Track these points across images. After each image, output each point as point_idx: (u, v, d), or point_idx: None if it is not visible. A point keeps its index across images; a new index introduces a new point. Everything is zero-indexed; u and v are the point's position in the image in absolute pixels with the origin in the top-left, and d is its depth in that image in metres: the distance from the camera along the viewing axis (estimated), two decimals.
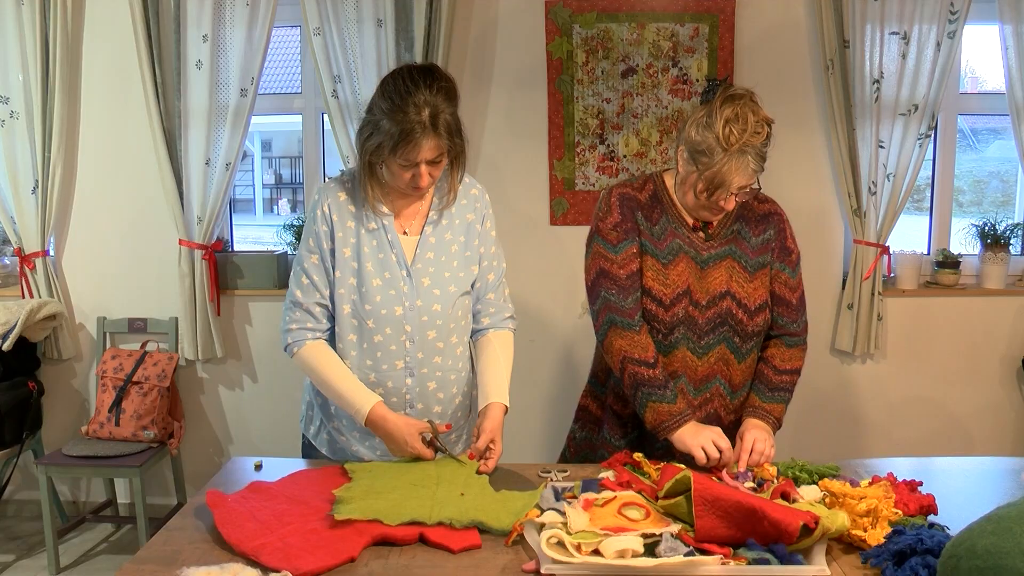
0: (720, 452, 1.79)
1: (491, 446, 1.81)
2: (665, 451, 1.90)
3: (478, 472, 1.77)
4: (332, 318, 1.90)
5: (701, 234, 1.94)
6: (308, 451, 2.06)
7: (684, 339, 1.91)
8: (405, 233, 1.90)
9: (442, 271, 1.89)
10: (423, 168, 1.77)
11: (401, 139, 1.71)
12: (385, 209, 1.88)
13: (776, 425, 1.93)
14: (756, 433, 1.86)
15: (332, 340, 1.92)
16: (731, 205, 1.84)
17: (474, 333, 2.02)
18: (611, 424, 2.04)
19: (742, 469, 1.79)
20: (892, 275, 3.46)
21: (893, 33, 3.20)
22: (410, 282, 1.87)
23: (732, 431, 1.96)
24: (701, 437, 1.81)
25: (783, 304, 1.98)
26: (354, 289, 1.86)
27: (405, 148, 1.73)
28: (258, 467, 1.87)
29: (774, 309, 1.98)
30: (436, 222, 1.91)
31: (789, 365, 1.98)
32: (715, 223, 1.95)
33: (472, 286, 1.96)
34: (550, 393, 3.46)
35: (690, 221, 1.94)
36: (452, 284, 1.90)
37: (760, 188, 1.88)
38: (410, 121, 1.71)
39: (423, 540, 1.50)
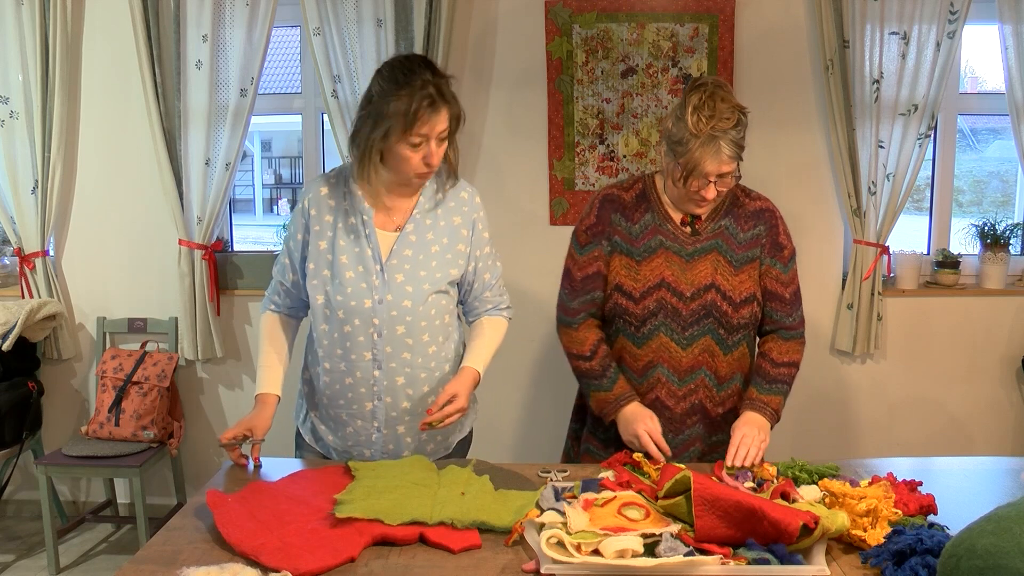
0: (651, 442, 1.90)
1: (451, 400, 1.86)
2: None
3: (426, 423, 1.83)
4: (295, 299, 2.03)
5: (688, 229, 1.98)
6: (298, 440, 2.13)
7: (664, 329, 1.95)
8: (398, 229, 1.93)
9: (418, 269, 1.92)
10: (433, 145, 1.81)
11: (414, 115, 1.76)
12: (382, 201, 1.92)
13: (774, 416, 1.96)
14: (745, 429, 1.89)
15: (311, 323, 2.00)
16: (711, 194, 1.88)
17: (470, 322, 2.09)
18: (592, 418, 2.10)
19: (729, 464, 1.82)
20: (892, 275, 3.45)
21: (893, 33, 3.20)
22: (382, 277, 1.90)
23: (720, 423, 2.01)
24: (628, 431, 1.93)
25: (776, 299, 2.02)
26: (328, 280, 1.91)
27: (417, 123, 1.77)
28: (258, 467, 1.87)
29: (768, 304, 2.02)
30: (420, 221, 1.94)
31: (787, 358, 2.01)
32: (703, 218, 1.98)
33: (458, 287, 2.01)
34: (551, 393, 3.46)
35: (677, 217, 1.99)
36: (426, 283, 1.93)
37: (740, 177, 1.92)
38: (419, 96, 1.77)
39: (423, 540, 1.50)
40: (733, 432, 1.90)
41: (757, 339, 2.09)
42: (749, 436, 1.87)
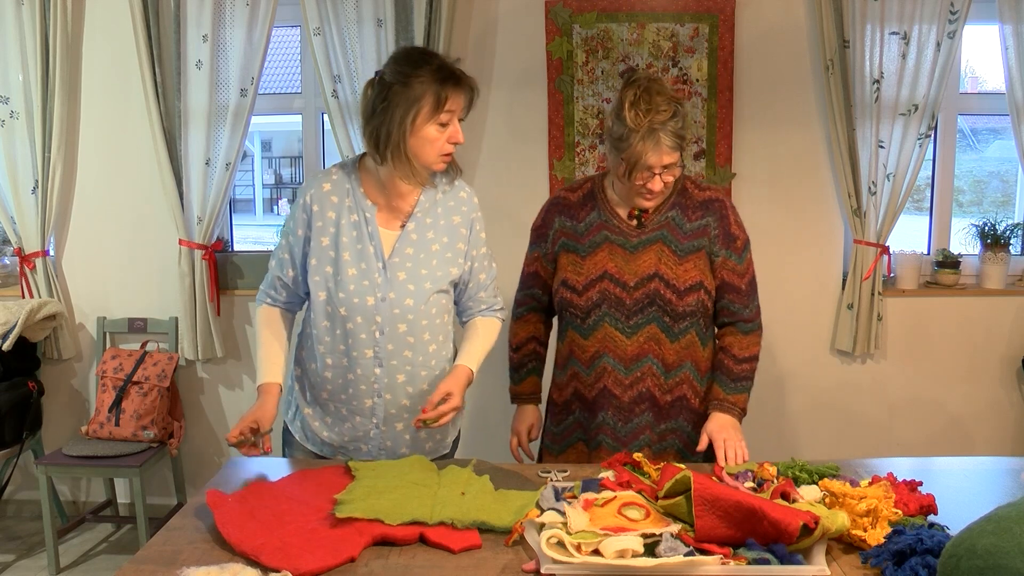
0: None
1: (446, 398, 1.86)
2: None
3: (420, 421, 1.83)
4: (292, 294, 2.01)
5: (634, 222, 2.01)
6: (287, 437, 2.11)
7: (608, 319, 1.99)
8: (401, 227, 1.93)
9: (419, 268, 1.92)
10: (457, 124, 1.85)
11: (444, 92, 1.80)
12: (387, 198, 1.93)
13: (742, 414, 2.02)
14: (725, 433, 1.94)
15: (308, 318, 2.01)
16: (658, 186, 1.92)
17: (463, 322, 2.09)
18: (552, 411, 2.17)
19: (730, 464, 1.85)
20: (892, 275, 3.45)
21: (893, 33, 3.20)
22: (384, 275, 1.90)
23: (669, 411, 2.04)
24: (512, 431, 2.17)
25: (733, 290, 2.04)
26: (330, 277, 1.91)
27: (448, 100, 1.81)
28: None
29: (725, 296, 2.04)
30: (420, 219, 1.94)
31: (748, 352, 2.05)
32: (650, 211, 2.01)
33: (455, 287, 2.01)
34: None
35: (623, 212, 2.03)
36: (428, 281, 1.93)
37: (684, 167, 1.94)
38: (443, 73, 1.81)
39: (423, 540, 1.50)
40: (711, 437, 1.95)
41: (714, 330, 2.11)
42: (732, 439, 1.93)
